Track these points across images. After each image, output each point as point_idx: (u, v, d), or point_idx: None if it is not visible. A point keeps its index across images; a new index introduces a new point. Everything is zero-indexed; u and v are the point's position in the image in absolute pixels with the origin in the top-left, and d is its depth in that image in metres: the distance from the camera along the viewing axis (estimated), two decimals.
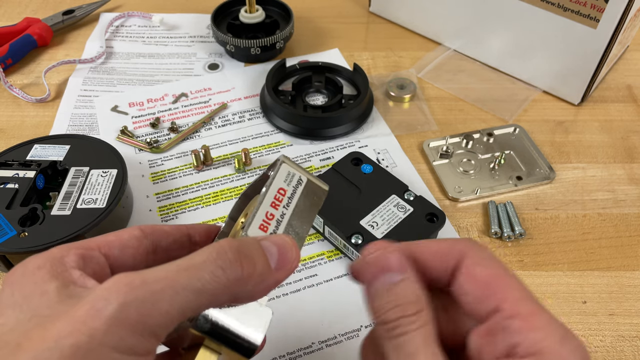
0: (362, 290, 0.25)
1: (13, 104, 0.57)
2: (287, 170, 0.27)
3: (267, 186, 0.26)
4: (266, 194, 0.26)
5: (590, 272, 0.43)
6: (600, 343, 0.39)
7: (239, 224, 0.29)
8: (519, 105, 0.57)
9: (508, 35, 0.58)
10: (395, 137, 0.54)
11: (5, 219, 0.40)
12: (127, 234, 0.26)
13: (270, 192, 0.26)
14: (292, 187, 0.27)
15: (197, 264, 0.22)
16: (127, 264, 0.26)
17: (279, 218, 0.26)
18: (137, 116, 0.55)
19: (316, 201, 0.28)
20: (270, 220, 0.26)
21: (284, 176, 0.27)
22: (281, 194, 0.27)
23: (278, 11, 0.65)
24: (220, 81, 0.60)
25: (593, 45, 0.52)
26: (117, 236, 0.26)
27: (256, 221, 0.25)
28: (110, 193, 0.43)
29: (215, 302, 0.23)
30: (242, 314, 0.25)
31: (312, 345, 0.38)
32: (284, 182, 0.27)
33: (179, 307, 0.21)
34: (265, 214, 0.26)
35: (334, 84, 0.57)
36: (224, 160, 0.51)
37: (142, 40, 0.66)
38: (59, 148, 0.47)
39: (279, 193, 0.27)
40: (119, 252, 0.25)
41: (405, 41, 0.66)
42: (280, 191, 0.27)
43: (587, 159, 0.52)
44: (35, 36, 0.63)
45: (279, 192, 0.27)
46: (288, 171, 0.27)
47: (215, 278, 0.22)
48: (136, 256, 0.26)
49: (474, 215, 0.47)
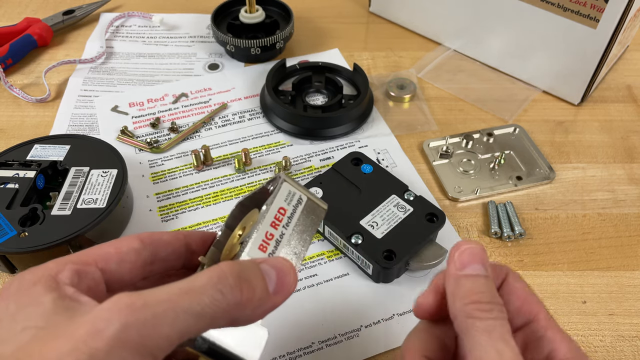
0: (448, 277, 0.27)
1: (13, 104, 0.57)
2: (288, 190, 0.27)
3: (268, 205, 0.26)
4: (266, 214, 0.26)
5: (590, 272, 0.43)
6: (600, 343, 0.39)
7: (236, 236, 0.29)
8: (518, 105, 0.57)
9: (508, 35, 0.58)
10: (395, 137, 0.54)
11: (5, 219, 0.41)
12: (126, 246, 0.26)
13: (271, 212, 0.26)
14: (292, 206, 0.27)
15: (197, 287, 0.22)
16: (124, 278, 0.26)
17: (278, 238, 0.26)
18: (137, 116, 0.55)
19: (315, 220, 0.28)
20: (269, 240, 0.26)
21: (285, 195, 0.27)
22: (281, 214, 0.27)
23: (278, 11, 0.65)
24: (220, 81, 0.60)
25: (593, 45, 0.52)
26: (116, 249, 0.26)
27: (256, 241, 0.25)
28: (110, 193, 0.43)
29: (214, 325, 0.23)
30: (239, 333, 0.25)
31: (312, 345, 0.38)
32: (285, 201, 0.27)
33: (178, 330, 0.21)
34: (265, 234, 0.26)
35: (334, 84, 0.57)
36: (224, 160, 0.51)
37: (142, 41, 0.66)
38: (59, 148, 0.47)
39: (279, 212, 0.27)
40: (116, 266, 0.25)
41: (405, 41, 0.66)
42: (280, 210, 0.27)
43: (587, 159, 0.52)
44: (36, 36, 0.63)
45: (279, 211, 0.27)
46: (289, 190, 0.27)
47: (215, 302, 0.22)
48: (133, 270, 0.26)
49: (473, 215, 0.47)
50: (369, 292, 0.41)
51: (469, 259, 0.26)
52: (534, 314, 0.27)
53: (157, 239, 0.27)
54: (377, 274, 0.41)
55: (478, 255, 0.27)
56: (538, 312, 0.27)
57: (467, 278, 0.26)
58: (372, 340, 0.38)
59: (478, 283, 0.26)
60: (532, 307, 0.27)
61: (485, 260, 0.27)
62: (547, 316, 0.27)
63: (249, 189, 0.49)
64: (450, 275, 0.27)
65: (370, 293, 0.41)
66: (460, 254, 0.27)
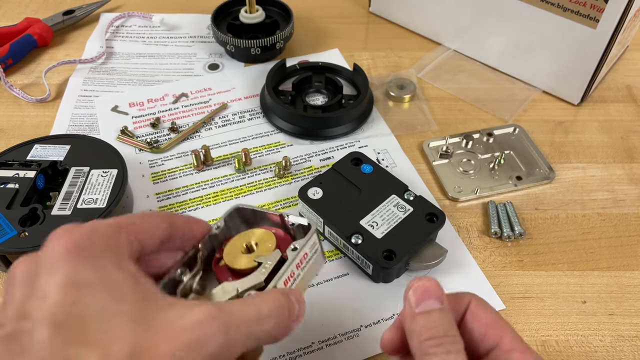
0: (404, 313, 0.28)
1: (13, 104, 0.57)
2: (314, 240, 0.33)
3: (299, 249, 0.31)
4: (296, 257, 0.31)
5: (590, 272, 0.43)
6: (599, 343, 0.39)
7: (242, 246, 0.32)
8: (518, 105, 0.57)
9: (508, 35, 0.58)
10: (395, 137, 0.54)
11: (5, 219, 0.41)
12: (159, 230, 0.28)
13: (299, 255, 0.31)
14: (312, 253, 0.33)
15: (264, 317, 0.26)
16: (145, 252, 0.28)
17: (296, 276, 0.31)
18: (137, 116, 0.55)
19: (317, 266, 0.34)
20: (291, 277, 0.31)
21: (311, 244, 0.33)
22: (304, 258, 0.32)
23: (278, 11, 0.65)
24: (220, 81, 0.60)
25: (593, 46, 0.52)
26: (150, 230, 0.28)
27: (283, 276, 0.30)
28: (110, 193, 0.43)
29: (260, 344, 0.27)
30: None
31: (312, 344, 0.38)
32: (310, 248, 0.33)
33: (241, 350, 0.25)
34: (290, 272, 0.31)
35: (334, 84, 0.57)
36: (224, 160, 0.51)
37: (142, 41, 0.66)
38: (59, 148, 0.47)
39: (304, 257, 0.32)
40: (149, 242, 0.28)
41: (405, 41, 0.66)
42: (305, 255, 0.32)
43: (586, 159, 0.52)
44: (36, 36, 0.63)
45: (304, 255, 0.32)
46: (315, 240, 0.33)
47: (273, 330, 0.26)
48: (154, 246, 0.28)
49: (473, 215, 0.47)
50: (369, 292, 0.41)
51: (422, 296, 0.27)
52: (498, 339, 0.27)
53: (174, 223, 0.29)
54: (377, 274, 0.41)
55: (431, 290, 0.27)
56: (502, 336, 0.27)
57: (421, 315, 0.27)
58: (372, 340, 0.38)
59: (432, 318, 0.26)
60: (497, 331, 0.27)
61: (438, 294, 0.27)
62: (512, 339, 0.27)
63: (249, 189, 0.49)
64: (406, 315, 0.27)
65: (370, 293, 0.41)
66: (414, 292, 0.27)
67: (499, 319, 0.28)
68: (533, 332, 0.39)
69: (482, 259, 0.44)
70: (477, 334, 0.28)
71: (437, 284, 0.28)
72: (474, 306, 0.28)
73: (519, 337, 0.27)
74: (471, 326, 0.28)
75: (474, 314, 0.28)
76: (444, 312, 0.27)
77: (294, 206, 0.47)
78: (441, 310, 0.27)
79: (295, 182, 0.49)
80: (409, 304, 0.28)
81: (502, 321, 0.28)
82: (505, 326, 0.28)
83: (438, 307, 0.27)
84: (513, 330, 0.28)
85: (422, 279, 0.28)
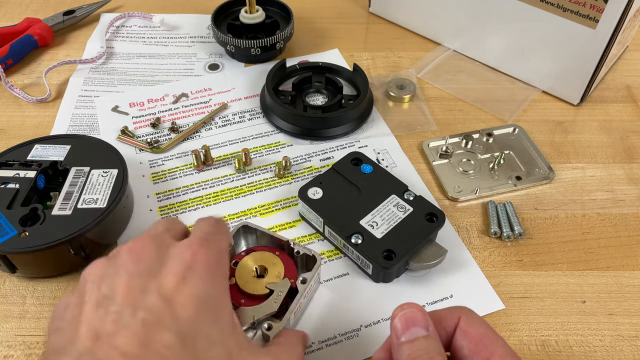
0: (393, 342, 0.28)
1: (14, 104, 0.57)
2: (319, 272, 0.39)
3: (308, 281, 0.37)
4: (305, 290, 0.37)
5: (590, 272, 0.43)
6: (599, 343, 0.39)
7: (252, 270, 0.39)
8: (518, 105, 0.58)
9: (507, 36, 0.58)
10: (395, 137, 0.54)
11: (6, 219, 0.41)
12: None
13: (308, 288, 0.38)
14: (316, 282, 0.39)
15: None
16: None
17: (301, 305, 0.38)
18: (137, 116, 0.55)
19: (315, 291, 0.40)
20: (299, 307, 0.37)
21: (318, 276, 0.38)
22: (310, 287, 0.38)
23: (278, 11, 0.65)
24: (220, 81, 0.60)
25: (592, 46, 0.52)
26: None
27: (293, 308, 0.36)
28: (110, 193, 0.43)
29: None
30: None
31: (312, 345, 0.38)
32: (316, 280, 0.38)
33: None
34: (299, 303, 0.37)
35: (334, 84, 0.57)
36: (225, 160, 0.51)
37: (142, 41, 0.66)
38: (60, 148, 0.47)
39: (309, 287, 0.38)
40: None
41: (405, 41, 0.66)
42: (311, 286, 0.38)
43: (586, 159, 0.52)
44: (36, 36, 0.63)
45: (310, 286, 0.38)
46: (319, 272, 0.39)
47: None
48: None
49: (473, 215, 0.47)
50: (369, 292, 0.41)
51: (406, 325, 0.28)
52: (488, 355, 0.27)
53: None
54: (377, 274, 0.41)
55: (414, 318, 0.28)
56: (493, 352, 0.27)
57: (405, 345, 0.27)
58: (372, 340, 0.38)
59: (416, 347, 0.27)
60: (487, 348, 0.27)
61: (421, 321, 0.28)
62: (502, 355, 0.27)
63: (249, 189, 0.49)
64: (393, 346, 0.28)
65: (370, 293, 0.41)
66: (398, 322, 0.28)
67: (489, 334, 0.28)
68: (533, 332, 0.39)
69: (482, 258, 0.44)
70: (467, 351, 0.28)
71: (421, 310, 0.28)
72: (463, 323, 0.29)
73: (511, 352, 0.27)
74: (461, 344, 0.28)
75: (463, 331, 0.28)
76: (429, 339, 0.27)
77: (294, 206, 0.47)
78: (426, 337, 0.27)
79: (295, 182, 0.49)
80: (394, 334, 0.28)
81: (492, 336, 0.28)
82: (496, 341, 0.28)
83: (422, 334, 0.27)
84: (504, 344, 0.28)
85: (407, 306, 0.28)
